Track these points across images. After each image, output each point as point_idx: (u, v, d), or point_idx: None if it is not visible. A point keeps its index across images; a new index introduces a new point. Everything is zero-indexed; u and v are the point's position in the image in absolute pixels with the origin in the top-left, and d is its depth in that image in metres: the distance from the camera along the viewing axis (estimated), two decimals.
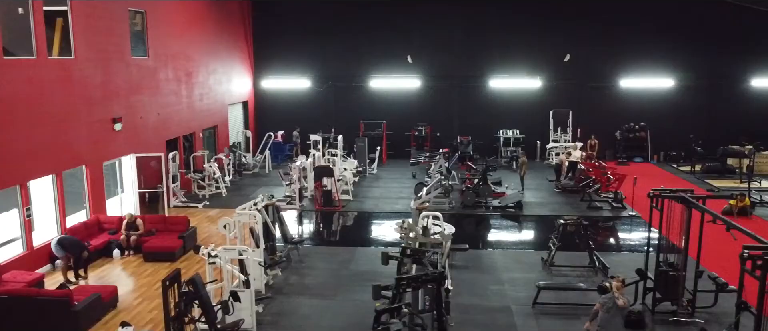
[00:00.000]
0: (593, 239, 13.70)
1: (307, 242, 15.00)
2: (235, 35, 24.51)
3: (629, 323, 9.98)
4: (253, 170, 23.20)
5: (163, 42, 17.99)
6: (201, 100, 20.85)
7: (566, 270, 12.61)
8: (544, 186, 20.79)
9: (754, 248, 7.38)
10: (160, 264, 12.98)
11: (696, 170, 22.69)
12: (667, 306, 10.43)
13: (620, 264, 12.70)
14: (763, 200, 17.92)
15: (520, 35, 25.19)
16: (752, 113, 24.56)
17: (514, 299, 11.16)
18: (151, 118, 17.26)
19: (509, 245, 15.03)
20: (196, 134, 20.45)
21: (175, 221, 14.35)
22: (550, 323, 10.24)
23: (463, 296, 11.32)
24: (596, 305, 8.34)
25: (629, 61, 25.12)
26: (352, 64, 25.98)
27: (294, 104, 26.42)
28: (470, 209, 17.62)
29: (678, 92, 25.22)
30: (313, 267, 13.07)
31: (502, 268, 12.89)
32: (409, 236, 9.99)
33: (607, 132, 25.06)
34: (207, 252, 9.86)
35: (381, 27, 25.56)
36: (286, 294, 11.52)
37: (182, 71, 19.37)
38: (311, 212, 17.78)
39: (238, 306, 9.57)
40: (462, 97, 25.76)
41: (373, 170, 23.21)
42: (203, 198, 18.81)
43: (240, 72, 24.98)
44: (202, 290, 8.73)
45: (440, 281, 7.68)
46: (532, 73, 25.41)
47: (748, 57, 24.55)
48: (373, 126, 25.32)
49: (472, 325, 10.13)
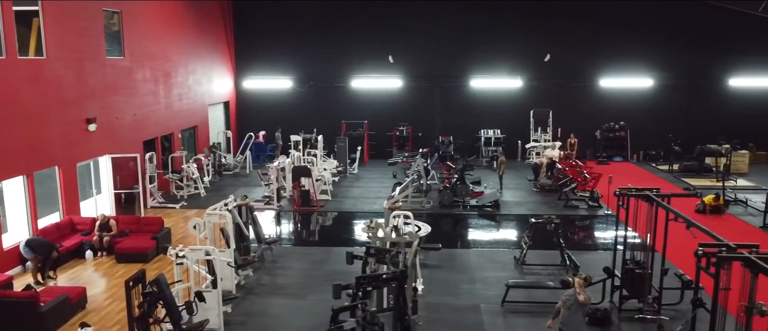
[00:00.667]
0: (565, 237, 13.80)
1: (283, 242, 15.01)
2: (216, 35, 24.44)
3: (595, 320, 10.10)
4: (233, 171, 23.15)
5: (140, 42, 17.91)
6: (180, 101, 20.78)
7: (538, 269, 12.70)
8: (524, 185, 20.89)
9: (709, 245, 7.46)
10: (132, 265, 12.90)
11: (674, 168, 22.89)
12: (634, 304, 10.54)
13: (593, 262, 12.80)
14: (737, 198, 18.13)
15: (501, 35, 25.29)
16: (730, 113, 24.81)
17: (484, 298, 11.22)
18: (128, 118, 17.18)
19: (484, 244, 15.08)
20: (174, 135, 20.37)
21: (149, 222, 14.30)
22: (518, 321, 10.31)
23: (434, 295, 11.38)
24: (559, 303, 8.40)
25: (609, 61, 25.30)
26: (333, 65, 25.98)
27: (276, 105, 26.38)
28: (448, 209, 17.69)
29: (657, 92, 25.44)
30: (286, 267, 13.07)
31: (475, 267, 12.95)
32: (376, 235, 10.01)
33: (587, 131, 25.23)
34: (175, 253, 9.85)
35: (363, 27, 25.59)
36: (257, 294, 11.52)
37: (160, 71, 19.29)
38: (289, 212, 17.78)
39: (204, 306, 9.60)
40: (443, 97, 25.83)
41: (354, 170, 23.23)
42: (181, 199, 18.76)
43: (221, 72, 24.91)
44: (166, 291, 8.72)
45: (402, 280, 7.71)
46: (513, 73, 25.53)
47: (726, 57, 24.80)
48: (355, 126, 25.34)
49: (441, 324, 10.18)
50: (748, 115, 24.73)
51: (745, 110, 24.79)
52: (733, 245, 7.31)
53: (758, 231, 15.31)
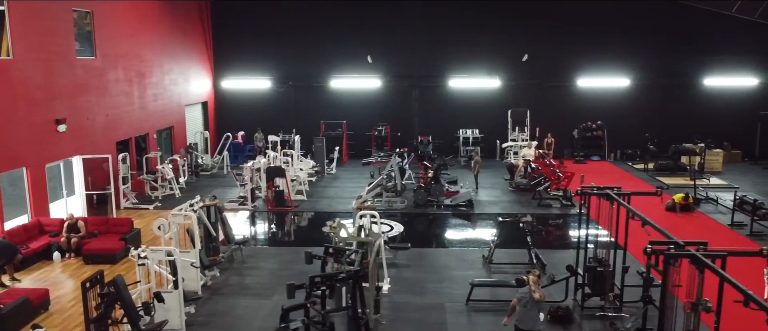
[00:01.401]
0: (535, 235, 13.90)
1: (255, 243, 14.99)
2: (194, 36, 24.35)
3: (557, 318, 10.19)
4: (210, 171, 23.07)
5: (112, 42, 17.81)
6: (155, 101, 20.68)
7: (506, 267, 12.77)
8: (500, 185, 20.99)
9: (659, 243, 7.55)
10: (100, 266, 12.76)
11: (649, 167, 23.09)
12: (597, 301, 10.62)
13: (563, 260, 12.81)
14: (708, 196, 18.33)
15: (480, 35, 25.39)
16: (705, 112, 25.06)
17: (450, 297, 11.26)
18: (100, 119, 17.08)
19: (455, 243, 15.15)
20: (149, 135, 20.27)
21: (118, 223, 14.24)
22: (481, 319, 10.37)
23: (400, 294, 11.42)
24: (513, 301, 8.46)
25: (586, 61, 25.48)
26: (313, 64, 25.97)
27: (255, 105, 26.32)
28: (422, 208, 17.74)
29: (634, 92, 25.64)
30: (255, 267, 13.06)
31: (443, 266, 13.00)
32: (339, 235, 10.03)
33: (565, 131, 25.39)
34: (136, 254, 9.82)
35: (341, 27, 25.59)
36: (223, 295, 11.50)
37: (134, 72, 19.19)
38: (263, 213, 17.75)
39: (166, 307, 9.59)
40: (422, 97, 25.89)
41: (332, 170, 23.23)
42: (155, 199, 18.67)
43: (198, 72, 24.82)
44: (124, 292, 8.69)
45: (356, 280, 7.74)
46: (491, 73, 25.64)
47: (701, 57, 25.05)
48: (334, 126, 25.33)
49: (404, 322, 10.22)
50: (723, 114, 25.00)
51: (720, 110, 25.05)
52: (681, 242, 7.40)
53: (725, 229, 15.49)
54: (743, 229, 15.20)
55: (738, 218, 15.72)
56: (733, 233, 15.10)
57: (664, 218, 16.70)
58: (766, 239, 14.56)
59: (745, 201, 15.48)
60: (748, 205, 15.26)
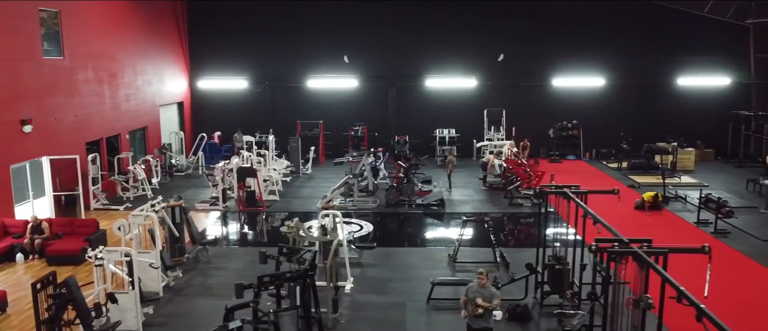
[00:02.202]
0: (504, 234, 13.99)
1: (226, 243, 14.96)
2: (168, 36, 24.23)
3: (515, 316, 10.26)
4: (185, 172, 22.98)
5: (81, 42, 17.69)
6: (127, 101, 20.56)
7: (470, 266, 12.81)
8: (474, 184, 21.07)
9: (604, 240, 7.63)
10: (64, 268, 12.72)
11: (623, 166, 23.30)
12: (556, 299, 10.71)
13: (530, 258, 12.93)
14: (677, 194, 18.53)
15: (456, 35, 25.49)
16: (678, 112, 25.31)
17: (412, 296, 11.29)
18: (68, 119, 16.95)
19: (422, 243, 15.20)
20: (121, 136, 20.15)
21: (83, 224, 14.14)
22: (440, 318, 10.41)
23: (362, 293, 11.45)
24: (462, 298, 8.51)
25: (562, 60, 25.65)
26: (289, 65, 25.95)
27: (232, 105, 26.26)
28: (393, 208, 17.78)
29: (609, 91, 25.85)
30: (221, 268, 13.02)
31: (409, 265, 13.03)
32: (298, 234, 10.04)
33: (541, 130, 25.55)
34: (93, 254, 9.77)
35: (318, 27, 25.59)
36: (186, 295, 11.46)
37: (104, 72, 19.07)
38: (234, 213, 17.71)
39: (122, 308, 9.55)
40: (399, 97, 25.93)
41: (307, 170, 23.21)
42: (127, 200, 18.57)
43: (173, 72, 24.70)
44: (76, 293, 8.65)
45: (306, 279, 7.75)
46: (467, 73, 25.74)
47: (675, 57, 25.32)
48: (311, 126, 25.31)
49: (362, 321, 10.24)
50: (696, 114, 25.29)
51: (694, 109, 25.32)
52: (625, 240, 7.48)
53: (691, 226, 15.66)
54: (708, 226, 15.37)
55: (705, 216, 15.89)
56: (698, 231, 15.27)
57: (632, 216, 16.90)
58: (730, 236, 14.75)
59: (709, 199, 15.66)
60: (712, 203, 15.45)
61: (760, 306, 10.74)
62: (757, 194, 18.76)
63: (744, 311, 10.54)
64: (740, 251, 13.62)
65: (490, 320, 8.52)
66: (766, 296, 11.21)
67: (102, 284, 9.77)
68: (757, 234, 14.73)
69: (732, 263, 12.98)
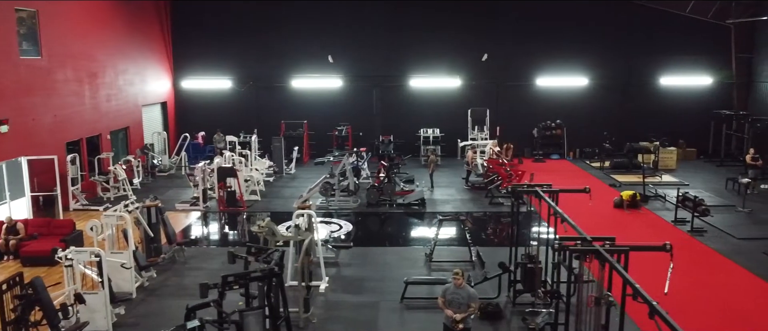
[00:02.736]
0: (472, 233, 14.03)
1: (207, 243, 14.93)
2: (151, 35, 24.14)
3: (487, 314, 10.30)
4: (168, 172, 22.90)
5: (60, 42, 17.59)
6: (108, 101, 20.47)
7: (447, 265, 12.84)
8: (457, 184, 21.11)
9: (567, 238, 7.67)
10: (38, 268, 12.67)
11: (605, 165, 23.42)
12: (528, 297, 10.75)
13: (506, 257, 12.96)
14: (657, 193, 18.64)
15: (440, 35, 25.56)
16: (661, 111, 25.48)
17: (386, 295, 11.29)
18: (47, 119, 16.86)
19: (401, 242, 15.22)
20: (102, 136, 20.05)
21: (60, 225, 14.07)
22: (413, 317, 10.43)
23: (337, 293, 11.46)
24: (439, 300, 8.50)
25: (545, 60, 25.75)
26: (273, 65, 25.92)
27: (216, 105, 26.20)
28: (374, 207, 17.80)
29: (592, 91, 25.98)
30: (196, 268, 12.98)
31: (385, 264, 13.04)
32: (269, 234, 10.03)
33: (525, 130, 25.65)
34: (63, 255, 9.73)
35: (302, 27, 25.58)
36: (159, 295, 11.43)
37: (84, 72, 18.98)
38: (215, 213, 17.67)
39: (91, 308, 9.52)
40: (383, 97, 25.95)
41: (291, 170, 23.19)
42: (107, 200, 18.48)
43: (157, 72, 24.61)
44: (42, 294, 8.61)
45: (271, 279, 7.75)
46: (451, 72, 25.79)
47: (657, 57, 25.48)
48: (295, 126, 25.29)
49: (334, 321, 10.25)
50: (678, 113, 25.45)
51: (676, 109, 25.50)
52: (589, 238, 7.53)
53: (668, 225, 15.76)
54: (686, 225, 15.47)
55: (682, 215, 15.99)
56: (675, 229, 15.37)
57: (610, 214, 17.00)
58: (706, 234, 14.86)
59: (687, 198, 15.76)
60: (689, 201, 15.55)
61: (730, 303, 10.82)
62: (735, 192, 18.89)
63: (715, 308, 10.63)
64: (715, 249, 13.72)
65: (469, 320, 8.52)
66: (737, 293, 11.29)
67: (72, 285, 9.73)
68: (732, 232, 14.85)
69: (706, 261, 13.08)
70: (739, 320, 10.17)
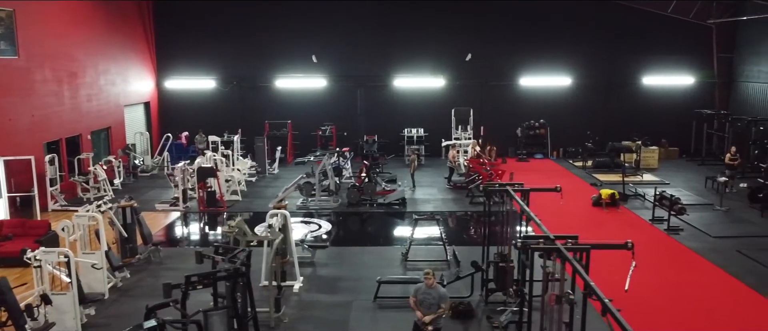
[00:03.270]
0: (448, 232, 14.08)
1: (188, 244, 14.91)
2: (134, 35, 24.04)
3: (458, 313, 10.33)
4: (150, 172, 22.81)
5: (38, 42, 17.49)
6: (89, 102, 20.37)
7: (423, 264, 12.85)
8: (439, 183, 21.15)
9: (531, 237, 7.71)
10: (11, 269, 12.59)
11: (587, 165, 23.53)
12: (500, 296, 10.79)
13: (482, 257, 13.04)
14: (637, 192, 18.75)
15: (424, 35, 25.59)
16: (644, 111, 25.64)
17: (359, 295, 11.28)
18: (24, 120, 16.76)
19: (378, 242, 15.23)
20: (83, 136, 19.95)
21: (34, 225, 13.99)
22: (384, 316, 10.44)
23: (311, 293, 11.46)
24: (411, 300, 8.52)
25: (529, 60, 25.84)
26: (257, 64, 25.88)
27: (200, 105, 26.12)
28: (355, 207, 17.80)
29: (576, 91, 26.08)
30: (172, 268, 12.92)
31: (362, 264, 13.04)
32: (240, 234, 10.01)
33: (509, 129, 25.73)
34: (32, 255, 9.68)
35: (286, 27, 25.54)
36: (132, 296, 11.38)
37: (64, 72, 18.88)
38: (195, 213, 17.62)
39: (61, 309, 9.48)
40: (367, 97, 25.97)
41: (274, 170, 23.15)
42: (87, 201, 18.37)
43: (139, 72, 24.51)
44: (8, 295, 8.57)
45: (236, 278, 7.75)
46: (435, 72, 25.84)
47: (640, 57, 25.63)
48: (279, 126, 25.25)
49: (306, 320, 10.25)
50: (661, 112, 25.63)
51: (659, 108, 25.67)
52: (551, 236, 7.57)
53: (646, 223, 15.85)
54: (663, 224, 15.55)
55: (660, 213, 16.08)
56: (652, 228, 15.47)
57: (589, 213, 17.09)
58: (682, 233, 14.96)
59: (663, 197, 15.86)
60: (666, 200, 15.65)
61: (699, 301, 10.90)
62: (714, 191, 19.02)
63: (682, 306, 10.70)
64: (689, 248, 13.81)
65: (440, 321, 8.53)
66: (707, 291, 11.37)
67: (41, 286, 9.67)
68: (708, 231, 14.95)
69: (679, 260, 13.17)
70: (706, 318, 10.25)
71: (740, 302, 10.92)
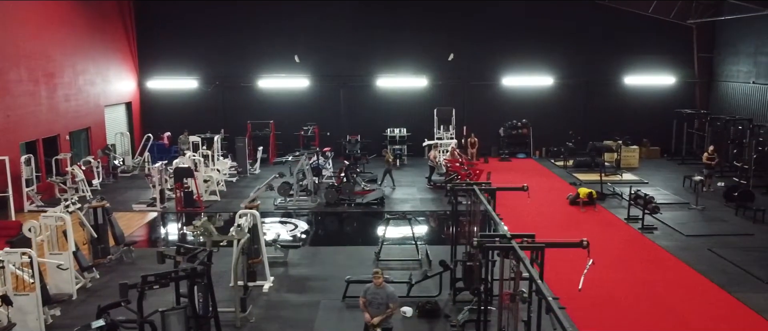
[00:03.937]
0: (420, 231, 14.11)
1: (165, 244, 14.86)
2: (114, 35, 23.95)
3: (425, 312, 10.35)
4: (131, 172, 22.73)
5: (12, 42, 17.41)
6: (67, 102, 20.28)
7: (394, 264, 12.90)
8: (419, 183, 21.18)
9: (488, 236, 7.74)
10: None
11: (568, 164, 23.62)
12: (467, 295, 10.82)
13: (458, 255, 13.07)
14: (615, 191, 18.84)
15: (406, 35, 25.62)
16: (626, 110, 25.77)
17: (328, 294, 11.29)
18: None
19: (357, 241, 15.23)
20: (61, 136, 19.86)
21: (6, 226, 13.94)
22: (352, 315, 10.41)
23: (280, 292, 11.45)
24: (361, 299, 8.53)
25: (511, 60, 25.91)
26: (240, 65, 25.83)
27: (182, 105, 26.04)
28: (333, 207, 17.80)
29: (558, 90, 26.17)
30: (143, 269, 12.77)
31: (334, 264, 13.03)
32: (205, 234, 10.00)
33: (491, 129, 25.79)
34: None
35: (268, 27, 25.51)
36: (101, 296, 11.30)
37: (40, 72, 18.79)
38: (172, 214, 17.57)
39: (24, 310, 9.43)
40: (350, 97, 25.97)
41: (256, 170, 23.12)
42: (64, 202, 18.27)
43: (120, 72, 24.41)
44: None
45: (194, 278, 7.73)
46: (417, 72, 25.87)
47: (621, 57, 25.75)
48: (262, 126, 25.21)
49: (272, 320, 10.24)
50: (643, 112, 25.75)
51: (640, 108, 25.80)
52: (509, 235, 7.60)
53: (621, 222, 15.93)
54: (637, 222, 15.63)
55: (635, 212, 16.16)
56: (627, 226, 15.55)
57: (565, 212, 17.15)
58: (656, 231, 15.04)
59: (638, 196, 15.95)
60: (640, 199, 15.73)
61: (664, 299, 10.96)
62: (691, 190, 19.13)
63: (647, 304, 10.76)
64: (661, 246, 13.90)
65: (390, 321, 8.55)
66: (674, 289, 11.44)
67: (2, 286, 9.62)
68: (682, 230, 15.05)
69: (650, 258, 13.24)
70: (670, 315, 10.31)
71: (706, 300, 11.00)
